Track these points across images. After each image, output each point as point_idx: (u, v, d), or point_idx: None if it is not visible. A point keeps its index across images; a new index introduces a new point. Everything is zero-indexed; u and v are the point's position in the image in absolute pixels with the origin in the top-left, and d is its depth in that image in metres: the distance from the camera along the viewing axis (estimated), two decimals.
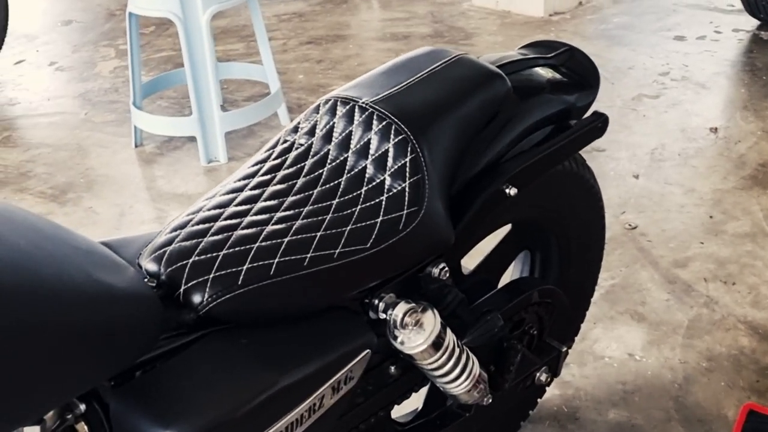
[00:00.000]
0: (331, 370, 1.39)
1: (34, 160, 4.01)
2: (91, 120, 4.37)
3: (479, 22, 5.26)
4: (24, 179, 3.84)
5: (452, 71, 1.61)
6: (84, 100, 4.62)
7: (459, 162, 1.57)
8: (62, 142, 4.16)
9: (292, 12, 5.65)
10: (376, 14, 5.63)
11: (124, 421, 1.23)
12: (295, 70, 4.73)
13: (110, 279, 1.16)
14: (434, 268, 1.56)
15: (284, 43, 5.12)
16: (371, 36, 5.19)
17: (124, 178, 3.79)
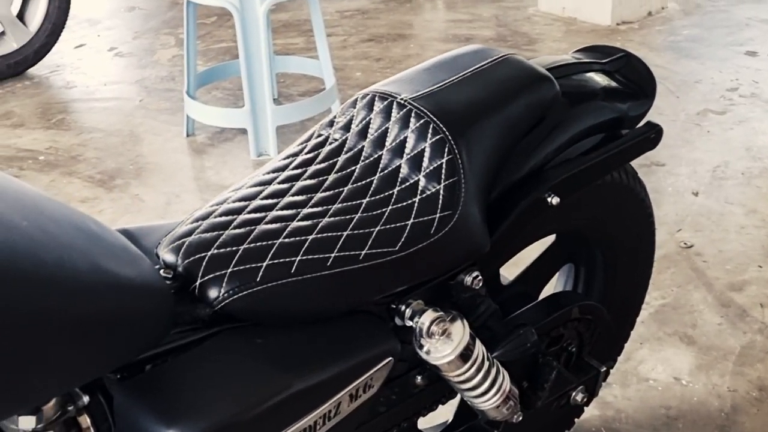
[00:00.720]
0: (350, 376, 1.32)
1: (86, 144, 4.00)
2: (145, 107, 4.35)
3: (544, 28, 5.15)
4: (74, 163, 3.83)
5: (498, 71, 1.53)
6: (140, 86, 4.61)
7: (500, 166, 1.50)
8: (115, 127, 4.15)
9: (354, 9, 5.60)
10: (440, 15, 5.55)
11: (127, 416, 1.18)
12: (353, 68, 4.67)
13: (117, 267, 1.10)
14: (467, 276, 1.49)
15: (344, 40, 5.06)
16: (433, 36, 5.11)
17: (173, 167, 3.76)
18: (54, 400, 1.13)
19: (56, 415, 1.14)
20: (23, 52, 4.78)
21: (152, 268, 1.21)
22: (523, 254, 1.75)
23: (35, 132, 4.17)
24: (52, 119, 4.29)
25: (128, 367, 1.21)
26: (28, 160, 3.89)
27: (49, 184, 3.65)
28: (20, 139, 4.11)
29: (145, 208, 3.42)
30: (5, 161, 3.89)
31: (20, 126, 4.24)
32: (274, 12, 5.40)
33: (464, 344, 1.42)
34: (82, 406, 1.17)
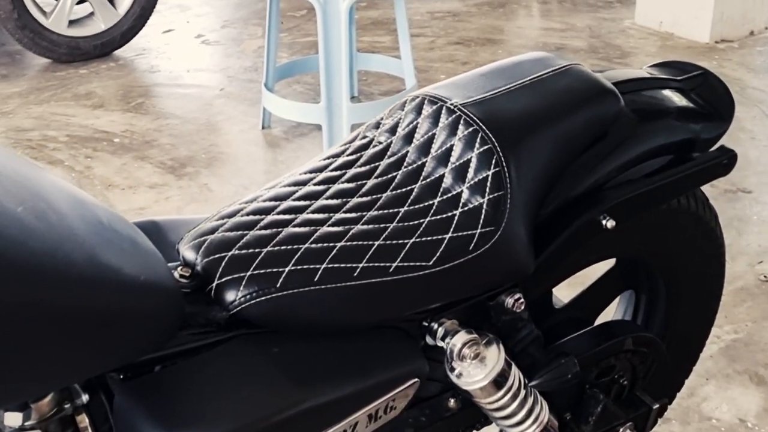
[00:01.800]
0: (369, 396, 1.24)
1: (161, 129, 3.99)
2: (225, 96, 4.33)
3: (638, 41, 5.00)
4: (147, 147, 3.82)
5: (558, 81, 1.43)
6: (223, 75, 4.59)
7: (552, 183, 1.39)
8: (192, 115, 4.13)
9: (446, 10, 5.51)
10: (534, 22, 5.43)
11: (126, 419, 1.11)
12: (437, 70, 4.58)
13: (118, 262, 1.03)
14: (508, 298, 1.39)
15: (432, 41, 4.98)
16: (522, 43, 5.00)
17: (245, 158, 3.73)
18: (49, 397, 1.08)
19: (51, 413, 1.08)
20: (110, 33, 4.81)
21: (163, 264, 1.14)
22: (581, 277, 1.65)
23: (114, 114, 4.18)
24: (131, 102, 4.29)
25: (133, 367, 1.15)
26: (102, 142, 3.89)
27: (120, 168, 3.65)
28: (98, 120, 4.12)
29: (212, 198, 3.38)
30: (80, 141, 3.90)
31: (100, 107, 4.26)
32: (363, 9, 5.35)
33: (498, 370, 1.33)
34: (81, 404, 1.11)
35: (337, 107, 3.66)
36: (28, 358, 0.94)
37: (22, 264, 0.92)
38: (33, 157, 3.77)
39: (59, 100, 4.35)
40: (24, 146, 3.89)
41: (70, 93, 4.44)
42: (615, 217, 1.43)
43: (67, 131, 4.01)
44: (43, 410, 1.08)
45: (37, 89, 4.50)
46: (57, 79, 4.62)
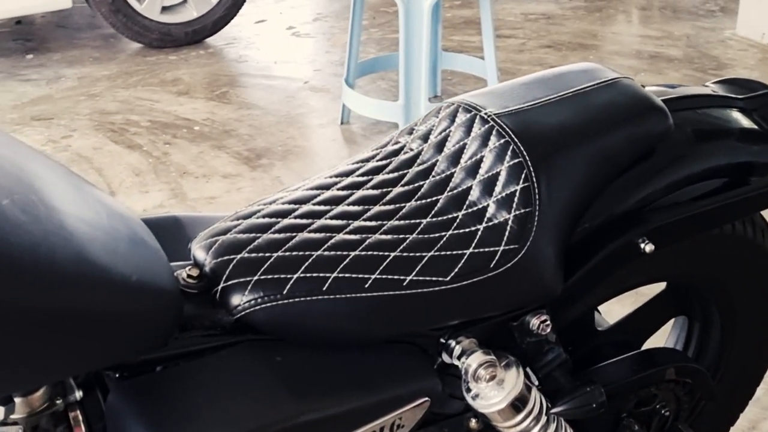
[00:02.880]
0: (374, 413, 1.19)
1: (242, 119, 4.00)
2: (309, 90, 4.32)
3: (737, 53, 4.83)
4: (225, 137, 3.83)
5: (602, 95, 1.36)
6: (309, 68, 4.59)
7: (589, 201, 1.32)
8: (274, 106, 4.13)
9: (540, 12, 5.41)
10: (630, 29, 5.29)
11: (117, 418, 1.09)
12: (525, 72, 4.47)
13: (108, 259, 1.00)
14: (533, 320, 1.32)
15: (523, 44, 4.89)
16: (615, 50, 4.87)
17: (321, 153, 3.71)
18: (41, 391, 1.06)
19: (41, 407, 1.06)
20: (202, 21, 4.85)
21: (163, 264, 1.11)
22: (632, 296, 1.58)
23: (197, 101, 4.20)
24: (216, 91, 4.31)
25: (131, 366, 1.12)
26: (183, 129, 3.92)
27: (196, 156, 3.66)
28: (181, 107, 4.15)
29: None
30: (161, 127, 3.94)
31: (184, 94, 4.29)
32: (456, 8, 5.29)
33: (515, 394, 1.27)
34: (75, 401, 1.09)
35: (414, 106, 3.61)
36: (4, 354, 0.92)
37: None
38: (113, 141, 3.81)
39: (146, 85, 4.40)
40: (106, 129, 3.94)
41: (158, 79, 4.48)
42: (655, 241, 1.36)
43: (149, 116, 4.05)
44: (34, 404, 1.06)
45: (126, 73, 4.56)
46: (146, 64, 4.67)
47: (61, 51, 4.89)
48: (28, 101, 4.27)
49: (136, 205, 3.24)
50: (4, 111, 4.16)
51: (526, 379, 1.31)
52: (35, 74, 4.59)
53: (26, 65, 4.72)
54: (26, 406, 1.06)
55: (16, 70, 4.66)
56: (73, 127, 3.97)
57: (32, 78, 4.55)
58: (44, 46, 4.96)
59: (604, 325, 1.67)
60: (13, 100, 4.28)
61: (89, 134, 3.90)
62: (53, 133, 3.93)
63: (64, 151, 3.74)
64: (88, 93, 4.33)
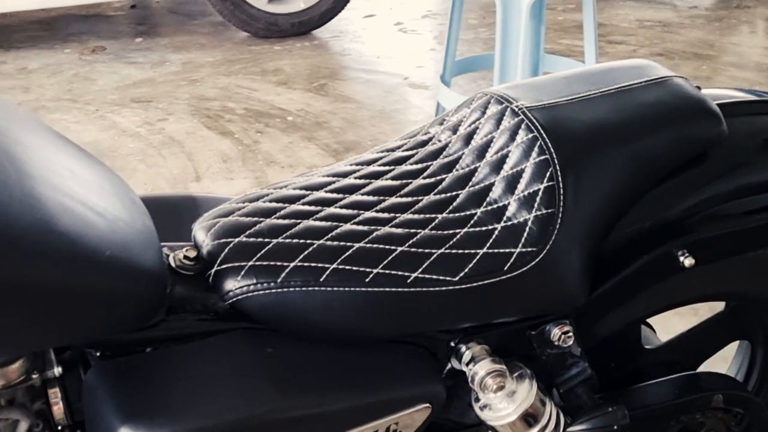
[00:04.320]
0: (365, 415, 1.12)
1: (336, 112, 3.96)
2: (407, 86, 4.26)
3: None
4: (317, 129, 3.80)
5: (648, 93, 1.26)
6: (411, 65, 4.53)
7: (624, 206, 1.23)
8: (370, 101, 4.09)
9: (657, 20, 5.23)
10: (753, 40, 5.07)
11: (91, 397, 1.05)
12: None
13: (77, 233, 0.95)
14: (555, 329, 1.23)
15: (633, 51, 4.73)
16: (731, 61, 4.66)
17: None
18: (18, 364, 1.02)
19: (17, 380, 1.03)
20: (309, 13, 4.84)
21: (149, 242, 1.06)
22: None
23: (294, 92, 4.19)
24: (314, 83, 4.30)
25: (114, 346, 1.08)
26: (276, 119, 3.90)
27: (286, 146, 3.65)
28: (278, 97, 4.14)
29: None
30: (255, 116, 3.93)
31: (283, 84, 4.28)
32: (570, 11, 5.16)
33: (526, 407, 1.18)
34: (53, 377, 1.05)
35: None
36: None
37: None
38: (207, 126, 3.83)
39: (247, 74, 4.41)
40: (202, 114, 3.95)
41: (260, 68, 4.49)
42: (696, 256, 1.25)
43: (246, 104, 4.05)
44: (10, 377, 1.03)
45: (229, 61, 4.58)
46: (250, 53, 4.69)
47: (170, 36, 4.95)
48: (130, 83, 4.33)
49: (218, 191, 3.23)
50: (106, 92, 4.23)
51: (542, 393, 1.23)
52: (141, 57, 4.65)
53: (134, 48, 4.79)
54: (3, 378, 1.03)
55: (124, 52, 4.73)
56: (170, 111, 4.01)
57: (138, 61, 4.61)
58: (154, 31, 5.03)
59: (655, 342, 1.56)
60: (117, 82, 4.35)
61: (185, 119, 3.92)
62: (150, 115, 3.96)
63: (157, 134, 3.78)
64: (190, 78, 4.37)
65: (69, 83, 4.36)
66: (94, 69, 4.53)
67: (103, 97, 4.17)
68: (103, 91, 4.25)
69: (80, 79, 4.40)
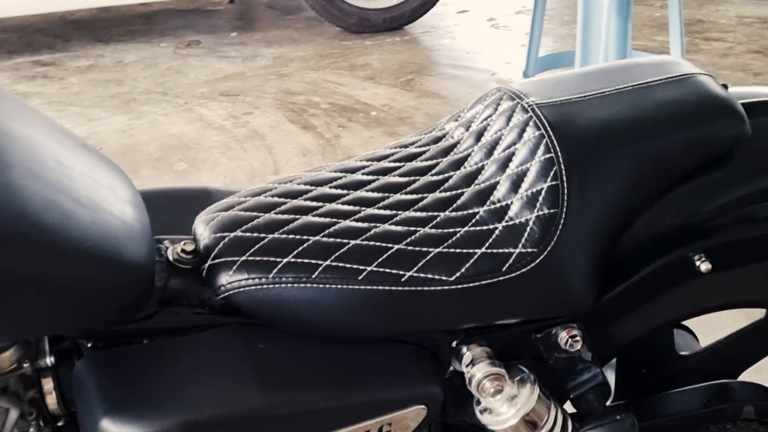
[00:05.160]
0: (356, 414, 1.11)
1: (419, 108, 3.95)
2: (495, 81, 4.23)
3: None
4: (399, 124, 3.79)
5: (667, 91, 1.21)
6: (500, 61, 4.49)
7: (636, 207, 1.19)
8: (455, 97, 4.07)
9: (757, 16, 5.05)
10: None
11: (80, 387, 1.06)
12: (725, 78, 4.19)
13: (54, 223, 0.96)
14: (562, 332, 1.19)
15: (730, 48, 4.58)
16: None
17: None
18: (9, 352, 1.04)
19: (9, 369, 1.05)
20: (401, 8, 4.83)
21: (138, 234, 1.07)
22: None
23: (380, 87, 4.19)
24: (401, 78, 4.29)
25: (106, 337, 1.09)
26: (360, 113, 3.91)
27: (366, 141, 3.65)
28: (363, 91, 4.15)
29: None
30: (339, 110, 3.95)
31: (370, 79, 4.29)
32: (662, 8, 5.03)
33: (525, 411, 1.16)
34: (46, 366, 1.07)
35: None
36: None
37: None
38: (290, 120, 3.86)
39: (335, 69, 4.43)
40: (287, 108, 3.99)
41: (348, 63, 4.50)
42: (714, 261, 1.20)
43: (330, 99, 4.07)
44: (2, 365, 1.05)
45: (319, 55, 4.61)
46: (341, 48, 4.71)
47: (264, 31, 5.01)
48: (220, 77, 4.39)
49: None
50: (196, 85, 4.30)
51: (546, 397, 1.19)
52: (234, 52, 4.72)
53: (228, 43, 4.86)
54: None
55: (218, 46, 4.81)
56: (256, 105, 4.05)
57: (230, 55, 4.68)
58: (249, 26, 5.10)
59: (692, 349, 1.51)
60: (207, 75, 4.42)
61: (270, 112, 3.96)
62: (236, 108, 4.02)
63: (242, 127, 3.82)
64: (279, 73, 4.41)
65: (162, 76, 4.45)
66: (187, 62, 4.62)
67: (193, 90, 4.25)
68: (193, 84, 4.33)
69: (173, 73, 4.49)
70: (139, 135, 3.85)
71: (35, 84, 4.46)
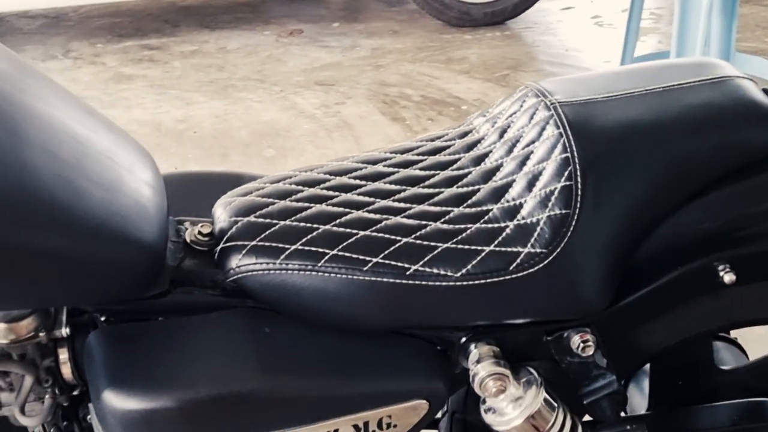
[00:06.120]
0: (355, 404, 1.12)
1: None
2: None
3: None
4: None
5: (700, 94, 1.17)
6: (600, 59, 4.41)
7: (660, 212, 1.15)
8: None
9: None
10: None
11: (89, 358, 1.09)
12: None
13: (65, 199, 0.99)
14: (575, 336, 1.17)
15: None
16: None
17: None
18: (28, 320, 1.08)
19: (25, 336, 1.09)
20: (502, 3, 4.79)
21: (152, 214, 1.08)
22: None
23: (474, 82, 4.16)
24: (496, 73, 4.25)
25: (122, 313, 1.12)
26: (450, 107, 3.90)
27: None
28: (457, 85, 4.13)
29: None
30: (430, 104, 3.94)
31: (465, 73, 4.27)
32: None
33: (528, 414, 1.14)
34: (61, 337, 1.11)
35: None
36: None
37: None
38: (381, 112, 3.87)
39: (432, 62, 4.42)
40: (379, 100, 4.00)
41: (445, 56, 4.49)
42: (739, 272, 1.15)
43: (423, 92, 4.07)
44: (19, 333, 1.09)
45: (417, 48, 4.61)
46: (440, 41, 4.69)
47: (366, 22, 5.03)
48: (318, 66, 4.43)
49: None
50: (293, 74, 4.35)
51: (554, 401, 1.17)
52: (334, 42, 4.75)
53: (330, 33, 4.90)
54: (10, 333, 1.08)
55: (320, 36, 4.85)
56: (349, 95, 4.07)
57: (330, 45, 4.71)
58: (352, 16, 5.13)
59: (737, 364, 1.46)
60: (305, 65, 4.46)
61: (362, 103, 3.98)
62: (329, 98, 4.05)
63: (332, 117, 3.85)
64: (375, 64, 4.42)
65: (261, 64, 4.51)
66: (287, 51, 4.67)
67: (290, 78, 4.29)
68: (290, 72, 4.37)
69: (272, 61, 4.54)
70: (232, 120, 3.91)
71: (141, 67, 4.57)
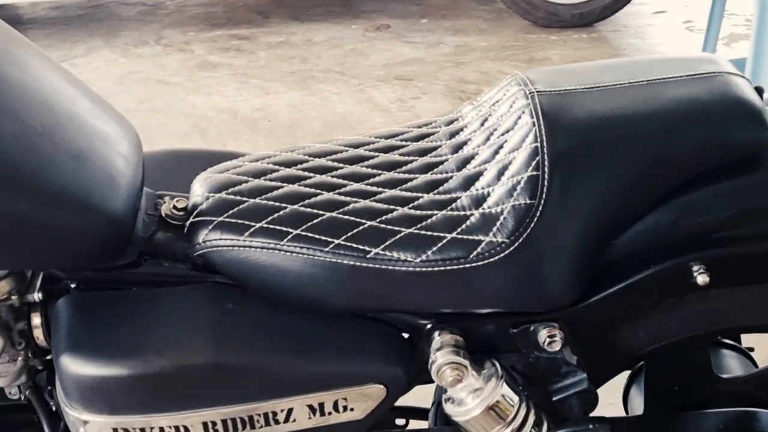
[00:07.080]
0: (309, 384, 1.12)
1: None
2: None
3: None
4: None
5: (684, 88, 1.14)
6: None
7: (635, 209, 1.13)
8: None
9: None
10: None
11: (55, 324, 1.12)
12: None
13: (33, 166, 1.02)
14: (542, 330, 1.14)
15: None
16: None
17: None
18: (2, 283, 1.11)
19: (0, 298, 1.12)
20: (591, 5, 4.71)
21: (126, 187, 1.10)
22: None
23: None
24: None
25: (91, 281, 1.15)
26: None
27: None
28: None
29: None
30: None
31: None
32: None
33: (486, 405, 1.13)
34: (34, 301, 1.14)
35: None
36: None
37: None
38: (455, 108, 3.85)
39: (513, 61, 4.39)
40: (454, 96, 3.99)
41: (528, 56, 4.45)
42: (713, 274, 1.11)
43: None
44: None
45: (501, 47, 4.58)
46: (525, 41, 4.65)
47: (453, 19, 5.01)
48: (399, 61, 4.44)
49: None
50: (374, 67, 4.37)
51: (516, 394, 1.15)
52: (419, 38, 4.75)
53: (416, 29, 4.90)
54: None
55: (406, 32, 4.85)
56: (426, 91, 4.07)
57: (415, 41, 4.71)
58: (440, 14, 5.11)
59: (739, 372, 1.42)
60: (388, 59, 4.47)
61: (437, 99, 3.98)
62: (406, 93, 4.05)
63: (406, 111, 3.86)
64: (457, 61, 4.41)
65: (344, 57, 4.54)
66: (371, 45, 4.69)
67: (370, 72, 4.31)
68: (371, 66, 4.39)
69: (355, 54, 4.57)
70: (308, 111, 3.94)
71: (227, 56, 4.65)
